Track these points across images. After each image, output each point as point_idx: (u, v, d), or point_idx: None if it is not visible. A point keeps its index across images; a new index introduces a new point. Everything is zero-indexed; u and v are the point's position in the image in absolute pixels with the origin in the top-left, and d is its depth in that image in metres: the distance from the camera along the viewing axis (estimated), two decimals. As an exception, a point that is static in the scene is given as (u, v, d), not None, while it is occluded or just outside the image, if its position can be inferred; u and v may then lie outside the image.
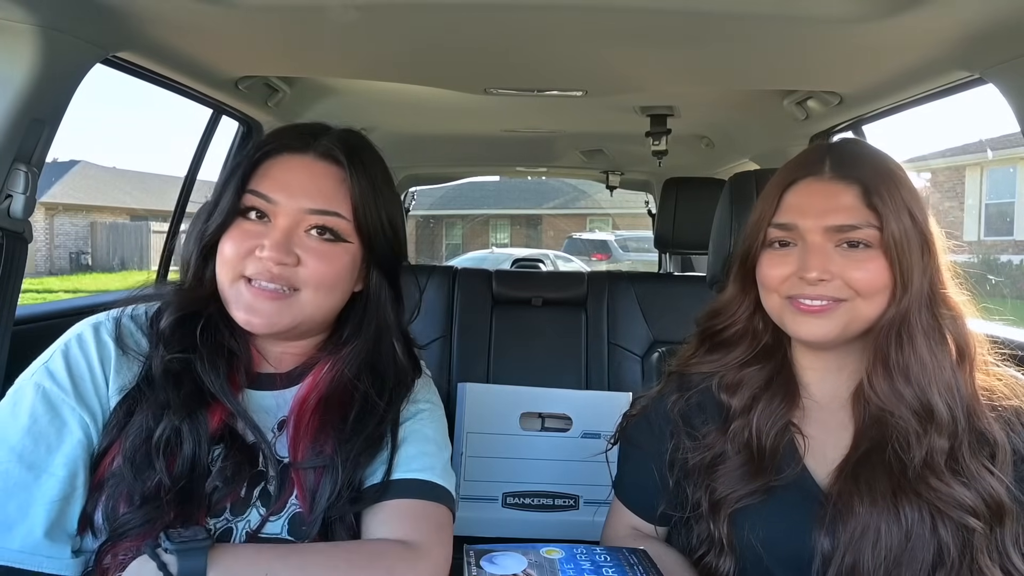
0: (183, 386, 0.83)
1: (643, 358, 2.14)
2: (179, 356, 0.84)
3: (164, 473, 0.78)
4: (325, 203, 0.87)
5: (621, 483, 1.07)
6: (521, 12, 1.21)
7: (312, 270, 0.86)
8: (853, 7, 1.12)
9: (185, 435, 0.81)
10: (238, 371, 0.88)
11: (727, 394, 0.95)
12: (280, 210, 0.86)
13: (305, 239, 0.86)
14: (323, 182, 0.88)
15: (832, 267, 0.86)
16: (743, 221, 1.33)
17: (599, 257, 14.18)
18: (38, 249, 17.27)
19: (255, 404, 0.89)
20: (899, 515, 0.82)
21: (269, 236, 0.85)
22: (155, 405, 0.81)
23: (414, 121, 2.54)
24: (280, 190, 0.86)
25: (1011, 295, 10.07)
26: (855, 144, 0.97)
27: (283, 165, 0.88)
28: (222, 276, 0.87)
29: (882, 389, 0.86)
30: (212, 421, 0.83)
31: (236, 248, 0.85)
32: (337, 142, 0.90)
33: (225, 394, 0.84)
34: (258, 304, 0.85)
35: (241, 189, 0.87)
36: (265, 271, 0.84)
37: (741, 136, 2.51)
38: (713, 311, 1.02)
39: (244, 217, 0.87)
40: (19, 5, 1.03)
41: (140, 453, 0.79)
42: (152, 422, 0.80)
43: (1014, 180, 13.66)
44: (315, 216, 0.86)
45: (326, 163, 0.89)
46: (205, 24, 1.25)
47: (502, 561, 0.83)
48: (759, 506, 0.88)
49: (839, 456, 0.89)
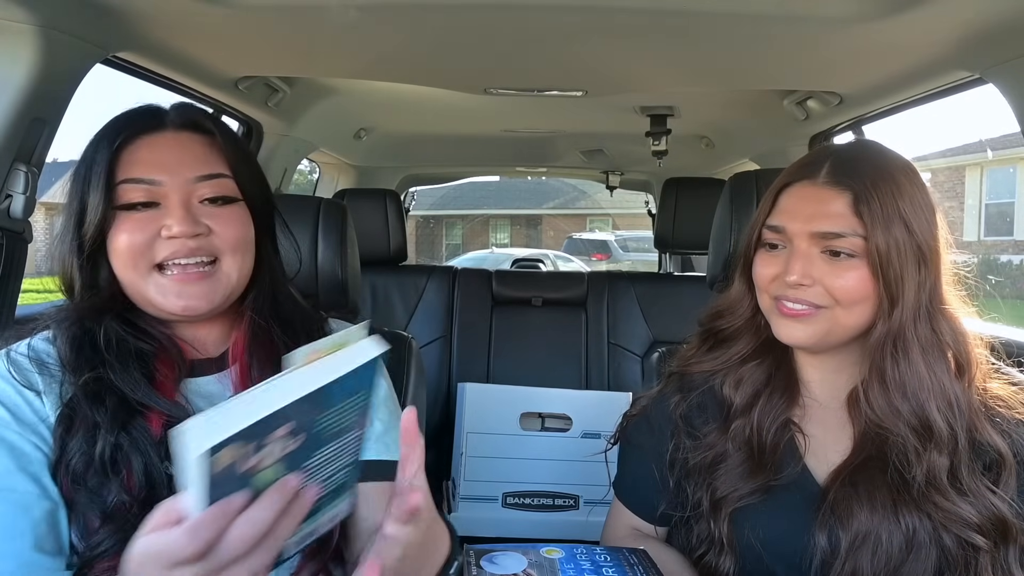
0: (106, 403, 0.79)
1: (643, 358, 2.14)
2: (90, 376, 0.79)
3: (122, 490, 0.76)
4: (208, 168, 0.85)
5: (621, 483, 1.07)
6: (521, 12, 1.21)
7: (225, 235, 0.85)
8: (853, 7, 1.12)
9: (128, 448, 0.78)
10: (169, 366, 0.85)
11: (729, 391, 0.95)
12: (167, 188, 0.83)
13: (203, 209, 0.84)
14: (197, 149, 0.86)
15: (813, 272, 0.85)
16: (743, 221, 1.34)
17: (599, 257, 14.18)
18: (38, 249, 17.21)
19: (200, 391, 0.87)
20: (900, 524, 0.81)
21: (170, 214, 0.82)
22: (86, 428, 0.78)
23: (414, 121, 2.54)
24: (159, 169, 0.83)
25: (1011, 295, 10.07)
26: (860, 149, 0.95)
27: (148, 146, 0.85)
28: (128, 273, 0.83)
29: (879, 403, 0.85)
30: (153, 427, 0.80)
31: (134, 239, 0.81)
32: (186, 111, 0.89)
33: (152, 398, 0.80)
34: (188, 288, 0.83)
35: (110, 184, 0.82)
36: (181, 248, 0.82)
37: (741, 136, 2.51)
38: (717, 311, 1.01)
39: (125, 211, 0.83)
40: (19, 5, 1.03)
41: (90, 476, 0.76)
42: (88, 445, 0.77)
43: (1014, 180, 13.66)
44: (204, 183, 0.84)
45: (189, 132, 0.87)
46: (205, 24, 1.25)
47: (502, 561, 0.83)
48: (759, 505, 0.88)
49: (839, 458, 0.89)
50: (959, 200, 14.00)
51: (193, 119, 0.88)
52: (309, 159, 2.84)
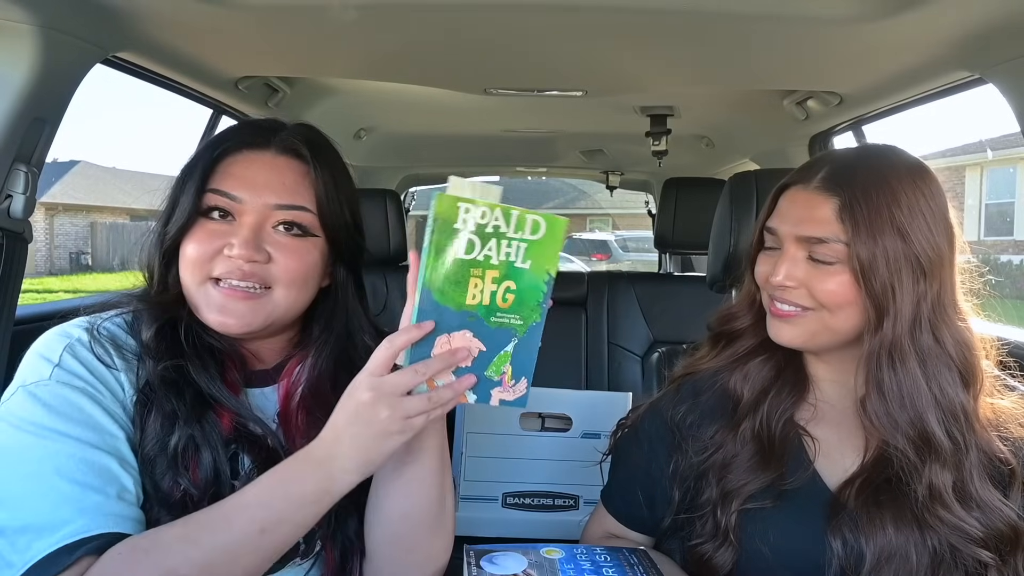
0: (184, 394, 0.81)
1: (643, 358, 2.14)
2: (171, 364, 0.82)
3: (190, 484, 0.78)
4: (291, 198, 0.85)
5: (608, 490, 1.07)
6: (521, 12, 1.21)
7: (284, 266, 0.85)
8: (853, 7, 1.12)
9: (201, 441, 0.80)
10: (237, 367, 0.87)
11: (737, 385, 0.94)
12: (246, 207, 0.84)
13: (273, 235, 0.85)
14: (287, 177, 0.86)
15: (798, 275, 0.85)
16: (743, 221, 1.34)
17: (599, 257, 14.19)
18: (38, 249, 17.26)
19: (254, 402, 0.89)
20: (926, 542, 0.80)
21: (237, 234, 0.83)
22: (163, 415, 0.79)
23: (414, 121, 2.54)
24: (244, 187, 0.84)
25: (1011, 295, 10.07)
26: (862, 154, 0.94)
27: (244, 162, 0.86)
28: (187, 279, 0.85)
29: (878, 414, 0.84)
30: (223, 424, 0.82)
31: (201, 249, 0.83)
32: (297, 136, 0.89)
33: (225, 396, 0.83)
34: (231, 305, 0.83)
35: (201, 189, 0.84)
36: (236, 270, 0.83)
37: (741, 136, 2.51)
38: (727, 314, 1.00)
39: (206, 217, 0.85)
40: (19, 5, 1.03)
41: (159, 463, 0.78)
42: (164, 432, 0.79)
43: (1014, 180, 13.67)
44: (282, 211, 0.85)
45: (288, 158, 0.88)
46: (205, 24, 1.25)
47: (502, 561, 0.83)
48: (770, 511, 0.87)
49: (853, 462, 0.88)
50: (959, 200, 13.98)
51: (295, 146, 0.88)
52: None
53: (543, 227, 0.75)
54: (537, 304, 0.76)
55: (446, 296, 0.73)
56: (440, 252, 0.72)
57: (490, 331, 0.75)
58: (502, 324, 0.76)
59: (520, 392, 0.79)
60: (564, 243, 0.77)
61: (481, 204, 0.73)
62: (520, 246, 0.74)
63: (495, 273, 0.74)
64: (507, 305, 0.75)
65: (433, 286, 0.73)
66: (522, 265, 0.75)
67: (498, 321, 0.76)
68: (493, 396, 0.78)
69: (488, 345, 0.76)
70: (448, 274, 0.73)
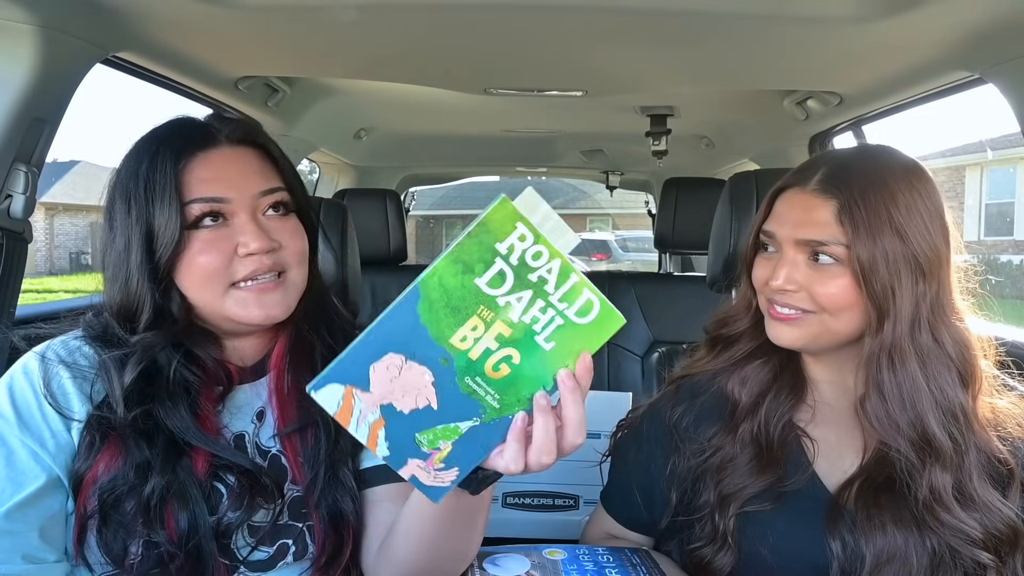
0: (156, 441, 0.78)
1: (643, 358, 2.14)
2: (142, 411, 0.79)
3: (166, 542, 0.76)
4: (268, 182, 0.86)
5: (607, 491, 1.07)
6: (521, 12, 1.21)
7: (291, 248, 0.86)
8: (853, 7, 1.12)
9: (176, 491, 0.77)
10: (211, 398, 0.84)
11: (734, 389, 0.94)
12: (235, 205, 0.82)
13: (266, 222, 0.85)
14: (252, 164, 0.86)
15: (798, 278, 0.85)
16: (743, 221, 1.34)
17: (599, 257, 14.18)
18: (38, 249, 17.25)
19: (232, 402, 0.88)
20: (926, 544, 0.80)
21: (243, 232, 0.82)
22: (133, 463, 0.77)
23: (414, 121, 2.54)
24: (225, 186, 0.82)
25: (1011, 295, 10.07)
26: (859, 155, 0.94)
27: (205, 163, 0.83)
28: (204, 293, 0.82)
29: (878, 415, 0.84)
30: (198, 468, 0.80)
31: (212, 259, 0.81)
32: (240, 125, 0.89)
33: (199, 437, 0.80)
34: (264, 298, 0.83)
35: (179, 203, 0.80)
36: (260, 266, 0.82)
37: (741, 136, 2.51)
38: (723, 318, 1.00)
39: (196, 229, 0.81)
40: (19, 5, 1.03)
41: (129, 509, 0.76)
42: (136, 479, 0.77)
43: (1014, 180, 13.66)
44: (267, 196, 0.85)
45: (243, 147, 0.87)
46: (205, 24, 1.25)
47: (505, 563, 0.83)
48: (769, 513, 0.87)
49: (852, 463, 0.88)
50: (959, 200, 13.99)
51: (247, 133, 0.88)
52: (309, 159, 2.84)
53: (594, 313, 0.59)
54: (528, 397, 0.60)
55: (433, 316, 0.57)
56: (460, 262, 0.57)
57: (454, 391, 0.59)
58: (472, 393, 0.59)
59: (442, 482, 0.61)
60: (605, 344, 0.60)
61: (542, 242, 0.57)
62: (554, 319, 0.58)
63: (505, 331, 0.58)
64: (495, 376, 0.59)
65: (427, 292, 0.57)
66: (543, 343, 0.59)
67: (471, 387, 0.59)
68: (409, 465, 0.61)
69: (441, 405, 0.59)
70: (451, 291, 0.57)
